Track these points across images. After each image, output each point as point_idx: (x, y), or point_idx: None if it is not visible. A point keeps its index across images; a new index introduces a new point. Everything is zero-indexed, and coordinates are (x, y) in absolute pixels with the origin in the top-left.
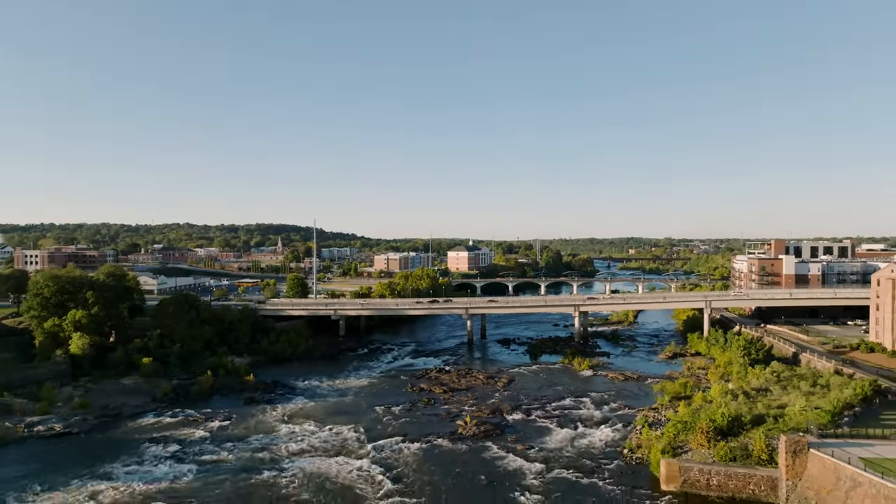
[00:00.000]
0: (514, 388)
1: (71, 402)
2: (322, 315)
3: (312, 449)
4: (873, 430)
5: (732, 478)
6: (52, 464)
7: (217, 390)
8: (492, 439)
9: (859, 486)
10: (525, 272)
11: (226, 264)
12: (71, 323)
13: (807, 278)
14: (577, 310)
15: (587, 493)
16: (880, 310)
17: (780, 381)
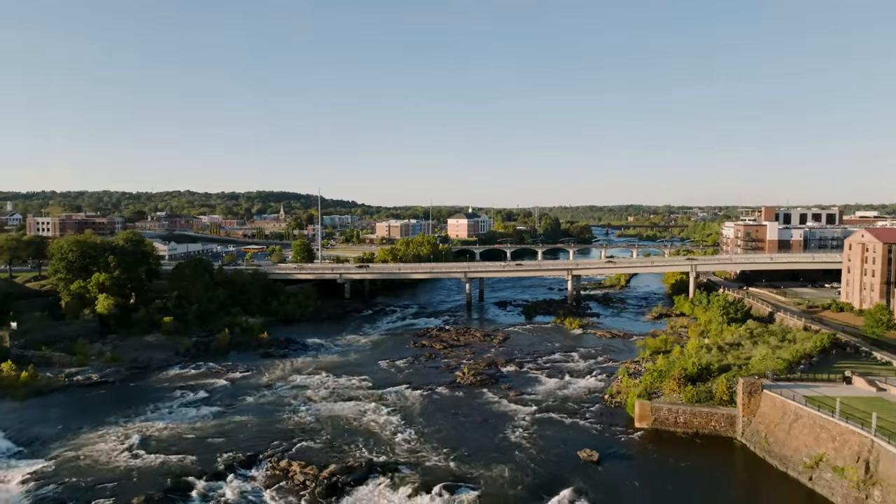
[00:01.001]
0: (508, 344)
1: (103, 356)
2: (328, 279)
3: (326, 395)
4: (821, 375)
5: (697, 416)
6: (93, 408)
7: (234, 346)
8: (487, 387)
9: (800, 419)
10: (523, 239)
11: (230, 231)
12: (95, 285)
13: (789, 244)
14: (570, 274)
15: (570, 430)
16: (851, 272)
17: (753, 337)
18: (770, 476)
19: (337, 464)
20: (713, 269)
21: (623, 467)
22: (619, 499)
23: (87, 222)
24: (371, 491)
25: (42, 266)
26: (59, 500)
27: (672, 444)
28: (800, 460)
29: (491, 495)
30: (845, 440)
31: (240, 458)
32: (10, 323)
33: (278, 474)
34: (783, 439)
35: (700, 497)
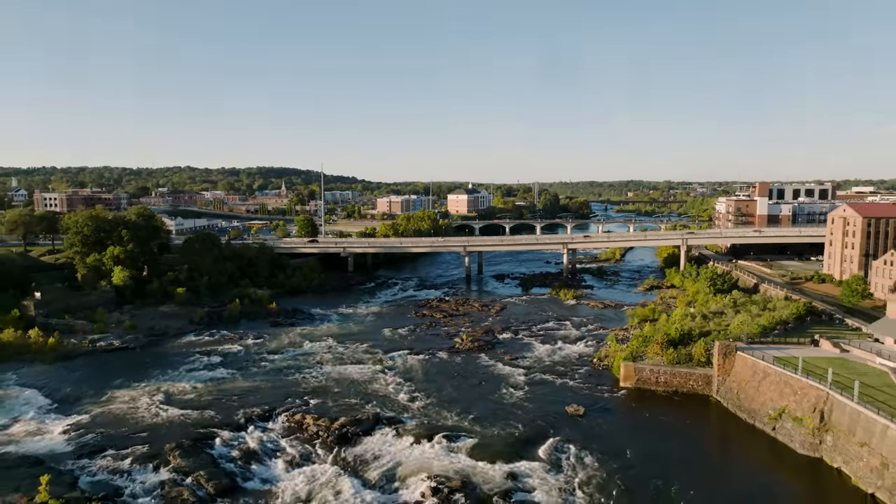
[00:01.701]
0: (505, 314)
1: (121, 324)
2: (332, 253)
3: (333, 359)
4: (792, 339)
5: (676, 376)
6: (117, 370)
7: (244, 316)
8: (484, 352)
9: (768, 377)
10: (522, 214)
11: (233, 207)
12: (110, 258)
13: (778, 218)
14: (566, 247)
15: (560, 389)
16: (833, 245)
17: (736, 307)
18: (739, 428)
19: (346, 417)
20: (703, 242)
21: (606, 420)
22: (602, 446)
23: (93, 198)
24: (378, 440)
25: (56, 240)
26: (98, 447)
27: (653, 401)
28: (765, 413)
29: (486, 443)
30: (805, 394)
31: (257, 412)
32: (35, 293)
33: (293, 426)
34: (752, 395)
35: (676, 445)
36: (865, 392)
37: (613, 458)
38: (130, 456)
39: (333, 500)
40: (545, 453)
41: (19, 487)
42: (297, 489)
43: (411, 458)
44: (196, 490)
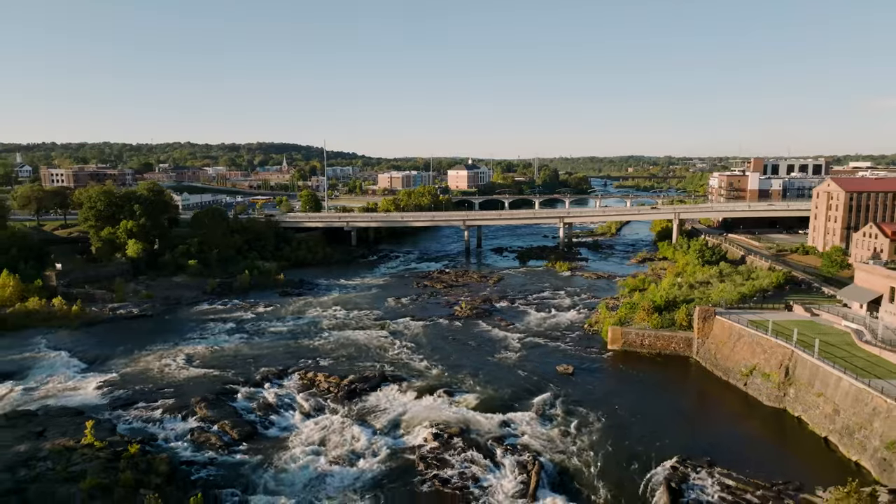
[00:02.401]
0: (502, 284)
1: (138, 293)
2: (335, 227)
3: (340, 326)
4: (769, 305)
5: (660, 338)
6: (139, 335)
7: (254, 286)
8: (482, 319)
9: (742, 338)
10: (522, 190)
11: (236, 182)
12: (124, 231)
13: (769, 193)
14: (562, 221)
15: (552, 351)
16: (817, 219)
17: (722, 277)
18: (715, 384)
19: (354, 375)
20: (694, 216)
21: (594, 378)
22: (589, 400)
23: (99, 174)
24: (384, 395)
25: (67, 215)
26: (130, 400)
27: (638, 361)
28: (738, 370)
29: (482, 398)
30: (773, 352)
31: (273, 371)
32: (55, 264)
33: (306, 383)
34: (728, 355)
35: (657, 400)
36: (826, 350)
37: (599, 410)
38: (160, 407)
39: (345, 444)
40: (536, 406)
41: (66, 432)
42: (312, 435)
43: (414, 409)
44: (222, 436)
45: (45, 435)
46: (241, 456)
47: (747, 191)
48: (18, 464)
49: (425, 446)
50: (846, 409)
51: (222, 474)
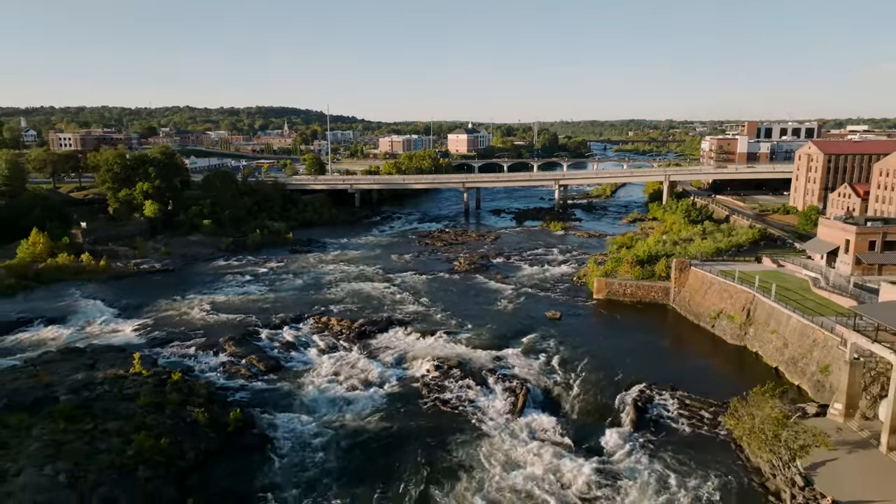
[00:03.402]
0: (499, 243)
1: (158, 250)
2: (339, 189)
3: (348, 279)
4: (741, 258)
5: (641, 288)
6: (163, 287)
7: (265, 245)
8: (479, 273)
9: (713, 286)
10: (521, 154)
11: (239, 147)
12: (140, 193)
13: (757, 156)
14: (558, 183)
15: (542, 300)
16: (798, 180)
17: (705, 234)
18: (688, 327)
19: (364, 319)
20: (684, 178)
21: (578, 322)
22: (573, 339)
23: (105, 138)
24: (390, 336)
25: (82, 178)
26: (165, 340)
27: (620, 308)
28: (708, 314)
29: (478, 338)
30: (738, 297)
31: (290, 317)
32: (80, 223)
33: (320, 326)
34: (700, 301)
35: (635, 340)
36: (783, 294)
37: (581, 348)
38: (193, 345)
39: (358, 374)
40: (525, 343)
41: (114, 364)
42: (329, 368)
43: (418, 347)
44: (250, 368)
45: (96, 367)
46: (268, 384)
47: (736, 154)
48: (80, 387)
49: (427, 376)
50: (793, 343)
51: (253, 397)
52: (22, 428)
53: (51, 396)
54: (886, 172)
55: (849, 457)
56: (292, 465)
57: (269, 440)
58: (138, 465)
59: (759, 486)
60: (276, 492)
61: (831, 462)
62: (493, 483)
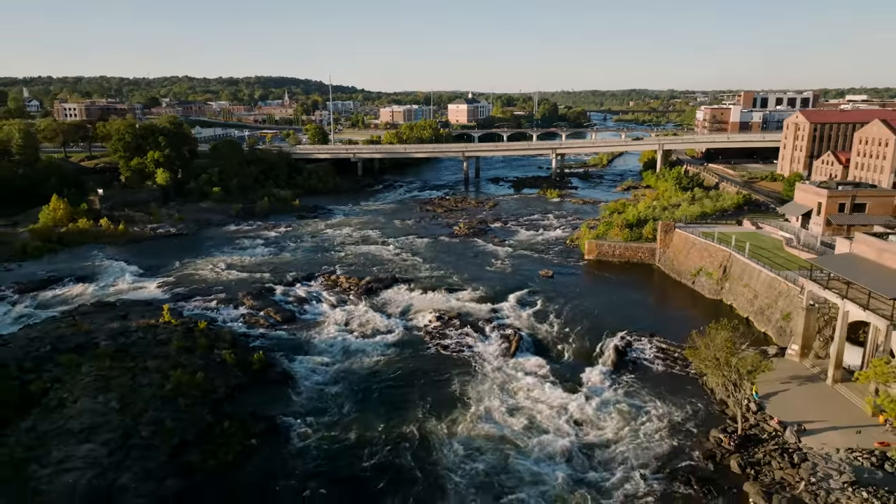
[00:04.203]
0: (497, 209)
1: (172, 216)
2: (343, 158)
3: (354, 241)
4: (722, 221)
5: (629, 249)
6: (179, 249)
7: (273, 211)
8: (477, 237)
9: (695, 246)
10: (520, 124)
11: (241, 117)
12: (151, 161)
13: (749, 125)
14: (555, 153)
15: (536, 261)
16: (786, 148)
17: (693, 200)
18: (671, 284)
19: (370, 277)
20: (677, 147)
21: (569, 279)
22: (563, 295)
23: (109, 108)
24: (395, 292)
25: (92, 147)
26: (188, 295)
27: (609, 267)
28: (689, 272)
29: (475, 293)
30: (716, 256)
31: (301, 275)
32: (97, 190)
33: (330, 283)
34: (682, 260)
35: (622, 295)
36: (757, 252)
37: (570, 302)
38: (214, 300)
39: (367, 324)
40: (520, 297)
41: (144, 315)
42: (339, 318)
43: (421, 301)
44: (268, 319)
45: (128, 318)
46: (285, 332)
47: (729, 123)
48: (117, 334)
49: (430, 325)
50: (762, 294)
51: (272, 343)
52: (72, 366)
53: (92, 342)
54: (866, 140)
55: (799, 389)
56: (310, 396)
57: (290, 377)
58: (177, 397)
59: (719, 412)
60: (297, 416)
61: (783, 393)
62: (489, 410)
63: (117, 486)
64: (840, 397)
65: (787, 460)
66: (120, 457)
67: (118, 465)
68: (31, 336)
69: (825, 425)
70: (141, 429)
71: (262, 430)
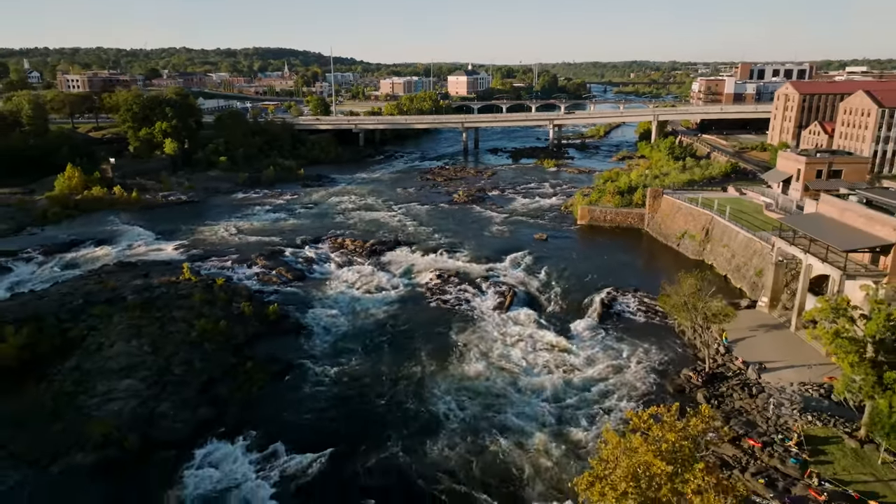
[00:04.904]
0: (495, 178)
1: (181, 185)
2: (345, 129)
3: (358, 208)
4: (708, 188)
5: (619, 215)
6: (192, 215)
7: (278, 180)
8: (476, 204)
9: (681, 210)
10: (520, 96)
11: (242, 88)
12: (159, 132)
13: (743, 97)
14: (552, 123)
15: (531, 226)
16: (776, 119)
17: (684, 169)
18: (658, 246)
19: (374, 240)
20: (672, 118)
21: (562, 242)
22: (556, 256)
23: (112, 79)
24: (398, 253)
25: (99, 118)
26: (204, 256)
27: (600, 232)
28: (674, 234)
29: (473, 255)
30: (699, 219)
31: (309, 238)
32: (109, 159)
33: (337, 246)
34: (669, 224)
35: (611, 257)
36: (737, 215)
37: (562, 262)
38: (229, 260)
39: (372, 282)
40: (515, 258)
41: (165, 273)
42: (346, 277)
43: (422, 262)
44: (280, 277)
45: (149, 276)
46: (296, 289)
47: (724, 94)
48: (142, 290)
49: (430, 283)
50: (739, 254)
51: (285, 298)
52: (104, 316)
53: (119, 296)
54: (850, 111)
55: (765, 335)
56: (322, 342)
57: (303, 327)
58: (203, 342)
59: (692, 355)
60: (311, 360)
61: (750, 338)
62: (484, 354)
63: (157, 413)
64: (801, 342)
65: (747, 392)
66: (157, 390)
67: (156, 396)
68: (63, 292)
69: (784, 364)
70: (173, 368)
71: (280, 370)
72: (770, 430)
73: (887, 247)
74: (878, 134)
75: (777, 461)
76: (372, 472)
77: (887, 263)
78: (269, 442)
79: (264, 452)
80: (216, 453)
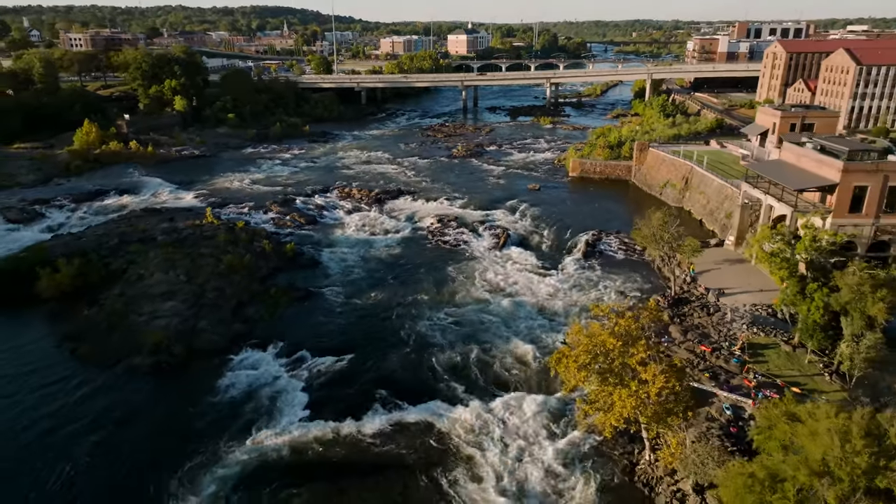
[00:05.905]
0: (493, 134)
1: (193, 140)
2: (346, 88)
3: (363, 161)
4: (692, 141)
5: (608, 167)
6: (206, 168)
7: (285, 136)
8: (474, 158)
9: (665, 162)
10: (520, 55)
11: (243, 47)
12: (169, 89)
13: (736, 55)
14: (549, 81)
15: (526, 178)
16: (765, 77)
17: (674, 125)
18: (643, 195)
19: (379, 189)
20: (665, 76)
21: (554, 192)
22: (548, 203)
23: (114, 38)
24: (401, 201)
25: (107, 76)
26: (222, 203)
27: (590, 183)
28: (658, 184)
29: (471, 202)
30: (680, 169)
31: (318, 187)
32: (124, 115)
33: (344, 195)
34: (653, 175)
35: (600, 205)
36: (715, 166)
37: (553, 209)
38: (245, 207)
39: (379, 226)
40: (509, 205)
41: (188, 218)
42: (354, 221)
43: (424, 209)
44: (293, 221)
45: (174, 220)
46: (309, 231)
47: (717, 53)
48: (170, 231)
49: (432, 226)
50: (712, 199)
51: (300, 239)
52: (140, 252)
53: (150, 237)
54: (831, 68)
55: (728, 267)
56: (335, 274)
57: (318, 262)
58: (231, 274)
59: (663, 285)
60: (326, 288)
61: (715, 270)
62: (480, 284)
63: (198, 328)
64: (759, 272)
65: (706, 312)
66: (195, 310)
67: (195, 315)
68: (98, 233)
69: (740, 290)
70: (207, 294)
71: (300, 296)
72: (720, 340)
73: (832, 186)
74: (856, 90)
75: (722, 361)
76: (382, 370)
77: (832, 201)
78: (296, 350)
79: (292, 357)
80: (251, 358)
